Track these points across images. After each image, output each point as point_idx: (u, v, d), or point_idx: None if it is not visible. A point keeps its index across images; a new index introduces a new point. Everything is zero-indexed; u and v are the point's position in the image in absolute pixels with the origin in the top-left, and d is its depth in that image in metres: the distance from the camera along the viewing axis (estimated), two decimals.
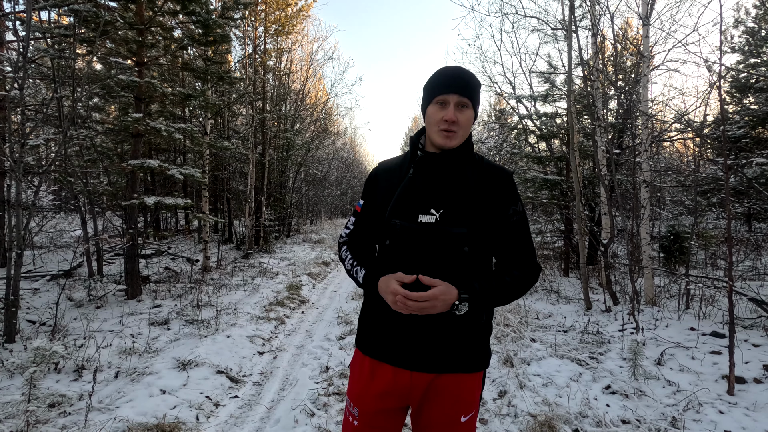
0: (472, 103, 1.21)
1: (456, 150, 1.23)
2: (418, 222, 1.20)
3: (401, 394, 1.24)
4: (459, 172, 1.25)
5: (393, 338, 1.23)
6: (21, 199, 3.78)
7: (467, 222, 1.19)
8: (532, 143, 9.17)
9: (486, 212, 1.22)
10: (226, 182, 11.63)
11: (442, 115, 1.18)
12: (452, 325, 1.20)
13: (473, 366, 1.25)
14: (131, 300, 5.41)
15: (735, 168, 6.13)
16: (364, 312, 1.34)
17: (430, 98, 1.22)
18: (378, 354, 1.26)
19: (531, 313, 5.00)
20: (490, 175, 1.27)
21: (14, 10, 6.23)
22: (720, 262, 7.16)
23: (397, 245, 1.22)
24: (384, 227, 1.25)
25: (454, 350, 1.22)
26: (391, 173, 1.32)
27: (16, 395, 2.69)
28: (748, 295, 3.94)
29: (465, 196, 1.22)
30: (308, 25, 14.49)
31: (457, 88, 1.18)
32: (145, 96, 5.81)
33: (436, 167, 1.25)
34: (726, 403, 2.75)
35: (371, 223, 1.34)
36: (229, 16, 6.44)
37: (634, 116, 5.47)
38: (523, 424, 2.59)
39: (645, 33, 5.23)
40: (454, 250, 1.19)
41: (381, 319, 1.26)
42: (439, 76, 1.22)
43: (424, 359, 1.21)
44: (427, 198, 1.22)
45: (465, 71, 1.22)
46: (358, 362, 1.33)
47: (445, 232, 1.18)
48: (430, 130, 1.23)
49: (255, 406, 2.97)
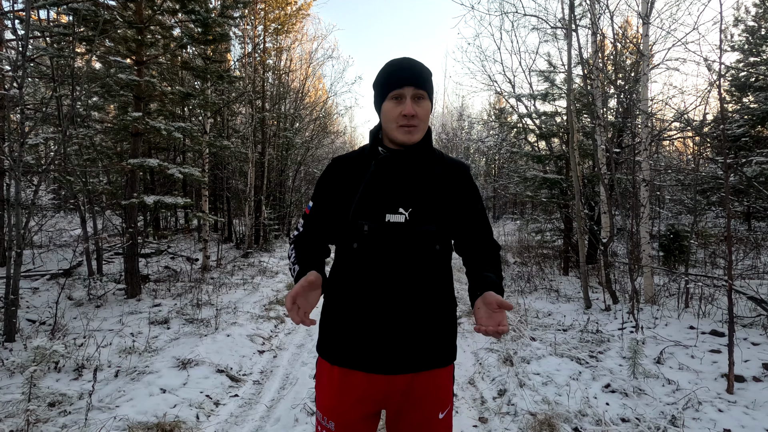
0: (428, 94, 1.17)
1: (418, 145, 1.19)
2: (386, 222, 1.15)
3: (377, 399, 1.19)
4: (424, 168, 1.21)
5: (364, 344, 1.16)
6: (20, 198, 3.77)
7: (437, 219, 1.17)
8: (532, 142, 9.17)
9: (453, 208, 1.21)
10: (226, 181, 11.62)
11: (400, 110, 1.12)
12: (425, 321, 1.17)
13: (446, 359, 1.24)
14: (131, 299, 5.41)
15: (735, 167, 6.13)
16: (326, 316, 1.24)
17: (384, 94, 1.16)
18: (348, 362, 1.17)
19: (531, 312, 5.00)
20: (452, 169, 1.26)
21: (13, 9, 6.21)
22: (719, 261, 7.16)
23: (366, 248, 1.15)
24: (349, 229, 1.17)
25: (428, 347, 1.19)
26: (349, 171, 1.23)
27: (17, 394, 2.69)
28: (748, 293, 3.95)
29: (433, 192, 1.19)
30: (308, 23, 14.49)
31: (412, 80, 1.13)
32: (144, 95, 5.80)
33: (400, 164, 1.20)
34: (725, 402, 2.76)
35: (328, 226, 1.25)
36: (228, 14, 6.42)
37: (634, 115, 5.47)
38: (522, 422, 2.59)
39: (645, 32, 5.23)
40: (426, 249, 1.16)
41: (347, 324, 1.18)
42: (392, 70, 1.16)
43: (400, 361, 1.16)
44: (394, 197, 1.17)
45: (417, 62, 1.17)
46: (325, 373, 1.23)
47: (416, 231, 1.15)
48: (389, 126, 1.16)
49: (255, 405, 2.97)
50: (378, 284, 1.15)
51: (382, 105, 1.18)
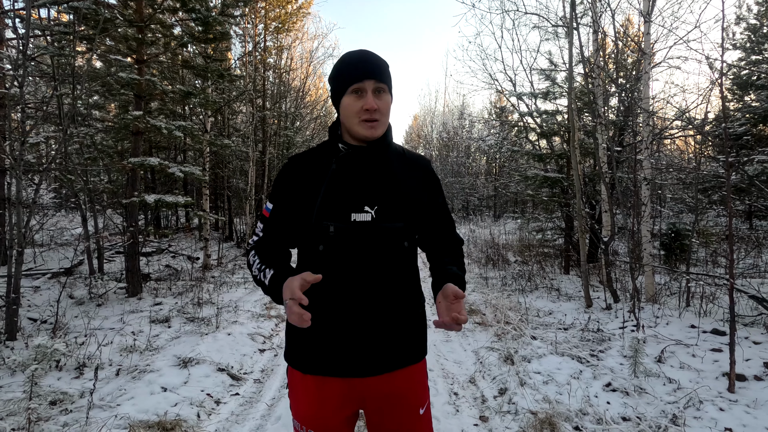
0: (388, 87, 1.14)
1: (380, 140, 1.15)
2: (352, 222, 1.11)
3: (355, 402, 1.19)
4: (386, 163, 1.19)
5: (337, 349, 1.13)
6: (21, 197, 3.78)
7: (404, 215, 1.15)
8: (533, 141, 9.15)
9: (419, 203, 1.20)
10: (227, 180, 11.62)
11: (362, 104, 1.08)
12: (396, 320, 1.16)
13: (418, 355, 1.24)
14: (132, 298, 5.41)
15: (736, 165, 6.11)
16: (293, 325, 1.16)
17: (343, 88, 1.11)
18: (322, 370, 1.14)
19: (531, 311, 5.00)
20: (414, 164, 1.25)
21: (14, 8, 6.21)
22: (721, 260, 7.15)
23: (332, 250, 1.12)
24: (313, 231, 1.13)
25: (401, 345, 1.18)
26: (309, 170, 1.19)
27: (18, 393, 2.69)
28: (749, 292, 3.94)
29: (398, 188, 1.17)
30: (308, 22, 14.46)
31: (372, 73, 1.09)
32: (145, 94, 5.80)
33: (362, 161, 1.16)
34: (726, 401, 2.75)
35: (289, 228, 1.19)
36: (229, 13, 6.42)
37: (635, 113, 5.46)
38: (523, 421, 2.59)
39: (646, 30, 5.21)
40: (394, 246, 1.14)
41: (318, 330, 1.12)
42: (350, 63, 1.12)
43: (374, 362, 1.14)
44: (358, 195, 1.13)
45: (375, 54, 1.13)
46: (298, 382, 1.19)
47: (384, 229, 1.13)
48: (350, 121, 1.12)
49: (256, 403, 2.97)
50: (347, 286, 1.12)
51: (341, 100, 1.14)
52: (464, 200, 22.82)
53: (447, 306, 1.05)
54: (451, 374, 3.45)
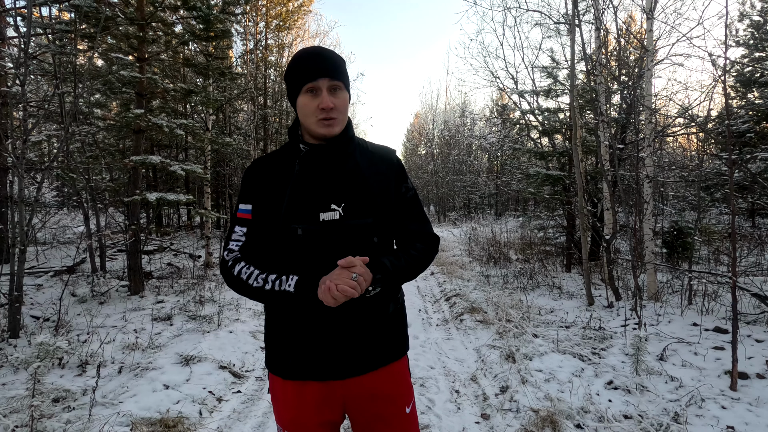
0: (344, 85, 1.12)
1: (340, 137, 1.15)
2: (320, 222, 1.10)
3: (337, 405, 1.17)
4: (349, 159, 1.17)
5: (312, 352, 1.12)
6: (24, 195, 3.79)
7: (372, 211, 1.13)
8: (535, 138, 9.13)
9: (385, 196, 1.17)
10: (228, 178, 11.63)
11: (317, 104, 1.08)
12: (371, 318, 1.14)
13: (398, 352, 1.22)
14: (134, 296, 5.43)
15: (740, 163, 6.08)
16: (273, 331, 1.18)
17: (298, 88, 1.10)
18: (301, 374, 1.14)
19: (533, 309, 5.00)
20: (379, 157, 1.22)
21: (15, 6, 6.22)
22: (723, 258, 7.13)
23: (303, 252, 1.10)
24: (281, 235, 1.12)
25: (378, 343, 1.16)
26: (273, 171, 1.16)
27: (21, 390, 2.70)
28: (752, 290, 3.93)
29: (364, 183, 1.15)
30: (309, 20, 14.45)
31: (326, 71, 1.08)
32: (146, 92, 5.80)
33: (325, 159, 1.15)
34: (729, 399, 2.75)
35: (268, 231, 1.16)
36: (230, 11, 6.41)
37: (638, 111, 5.43)
38: (525, 419, 2.59)
39: (649, 27, 5.18)
40: (364, 242, 1.12)
41: (292, 335, 1.13)
42: (303, 62, 1.10)
43: (351, 363, 1.13)
44: (325, 194, 1.12)
45: (329, 51, 1.12)
46: (278, 388, 1.18)
47: (352, 227, 1.11)
48: (307, 121, 1.11)
49: (258, 401, 2.98)
50: None
51: (297, 99, 1.13)
52: (466, 198, 22.80)
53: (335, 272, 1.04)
54: (452, 372, 3.45)
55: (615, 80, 7.02)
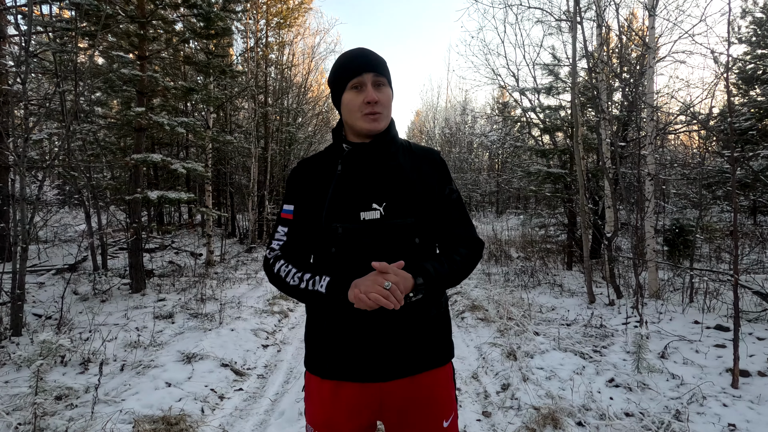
0: (388, 81, 1.12)
1: (384, 135, 1.14)
2: (361, 221, 1.09)
3: (372, 410, 1.14)
4: (392, 159, 1.16)
5: (351, 353, 1.11)
6: (25, 193, 3.79)
7: (414, 211, 1.11)
8: (536, 136, 9.12)
9: (428, 197, 1.15)
10: (229, 176, 11.64)
11: (362, 98, 1.07)
12: (412, 321, 1.11)
13: (441, 358, 1.18)
14: (136, 294, 5.44)
15: (742, 160, 6.06)
16: (313, 331, 1.19)
17: (343, 86, 1.11)
18: (339, 374, 1.12)
19: (534, 307, 5.00)
20: (422, 158, 1.21)
21: (15, 4, 6.21)
22: (725, 256, 7.12)
23: (343, 251, 1.10)
24: (323, 234, 1.12)
25: (420, 347, 1.13)
26: (317, 172, 1.18)
27: (24, 388, 2.71)
28: (753, 288, 3.93)
29: (406, 183, 1.13)
30: (310, 17, 14.40)
31: (370, 66, 1.08)
32: (147, 90, 5.80)
33: (367, 158, 1.14)
34: (730, 397, 2.75)
35: (311, 230, 1.17)
36: (230, 8, 6.40)
37: (639, 108, 5.42)
38: (526, 416, 2.59)
39: (651, 24, 5.16)
40: (405, 243, 1.10)
41: (332, 334, 1.13)
42: (348, 60, 1.11)
43: (390, 366, 1.10)
44: (366, 193, 1.11)
45: (370, 50, 1.12)
46: (315, 387, 1.17)
47: (394, 226, 1.09)
48: (352, 117, 1.11)
49: (259, 398, 2.99)
50: None
51: (341, 98, 1.13)
52: (467, 196, 22.78)
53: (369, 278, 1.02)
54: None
55: (616, 77, 6.99)
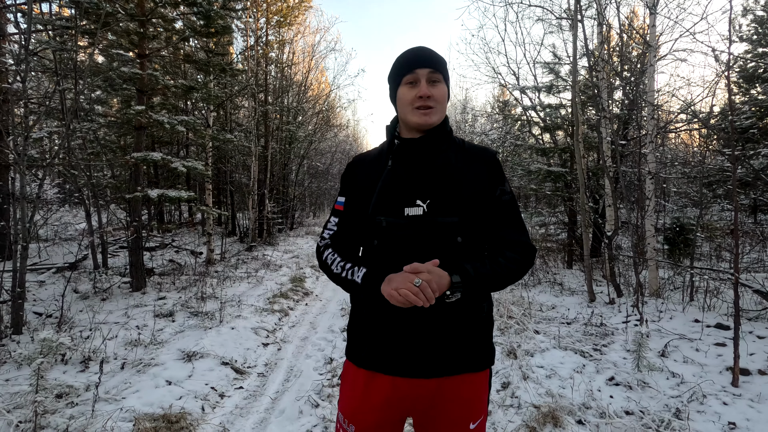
0: (444, 79, 1.13)
1: (435, 132, 1.14)
2: (405, 216, 1.10)
3: (402, 405, 1.15)
4: (441, 156, 1.15)
5: (388, 346, 1.12)
6: (25, 192, 3.79)
7: (458, 210, 1.10)
8: (536, 135, 9.11)
9: (476, 197, 1.12)
10: (229, 175, 11.63)
11: (415, 93, 1.09)
12: (451, 321, 1.10)
13: (479, 364, 1.15)
14: (136, 292, 5.44)
15: (742, 159, 6.05)
16: (355, 320, 1.23)
17: (398, 81, 1.13)
18: (373, 365, 1.14)
19: (534, 305, 5.00)
20: (474, 156, 1.18)
21: (15, 2, 6.21)
22: (725, 254, 7.12)
23: (386, 244, 1.12)
24: (368, 226, 1.15)
25: (457, 349, 1.12)
26: (369, 166, 1.21)
27: (24, 386, 2.72)
28: (754, 287, 3.93)
29: (452, 181, 1.12)
30: (310, 16, 14.39)
31: (425, 62, 1.10)
32: (147, 88, 5.79)
33: (417, 154, 1.15)
34: (730, 395, 2.75)
35: (360, 222, 1.20)
36: (230, 6, 6.39)
37: (640, 107, 5.41)
38: (526, 415, 2.59)
39: (652, 22, 5.15)
40: (447, 241, 1.09)
41: (375, 327, 1.15)
42: (404, 57, 1.14)
43: (425, 364, 1.10)
44: (411, 189, 1.12)
45: (429, 48, 1.14)
46: (350, 375, 1.21)
47: (436, 224, 1.09)
48: (404, 111, 1.13)
49: (260, 397, 2.99)
50: None
51: (396, 93, 1.15)
52: None
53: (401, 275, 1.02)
54: None
55: (617, 76, 6.98)
